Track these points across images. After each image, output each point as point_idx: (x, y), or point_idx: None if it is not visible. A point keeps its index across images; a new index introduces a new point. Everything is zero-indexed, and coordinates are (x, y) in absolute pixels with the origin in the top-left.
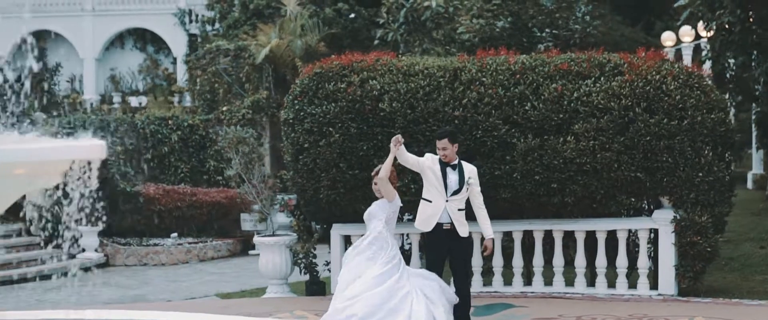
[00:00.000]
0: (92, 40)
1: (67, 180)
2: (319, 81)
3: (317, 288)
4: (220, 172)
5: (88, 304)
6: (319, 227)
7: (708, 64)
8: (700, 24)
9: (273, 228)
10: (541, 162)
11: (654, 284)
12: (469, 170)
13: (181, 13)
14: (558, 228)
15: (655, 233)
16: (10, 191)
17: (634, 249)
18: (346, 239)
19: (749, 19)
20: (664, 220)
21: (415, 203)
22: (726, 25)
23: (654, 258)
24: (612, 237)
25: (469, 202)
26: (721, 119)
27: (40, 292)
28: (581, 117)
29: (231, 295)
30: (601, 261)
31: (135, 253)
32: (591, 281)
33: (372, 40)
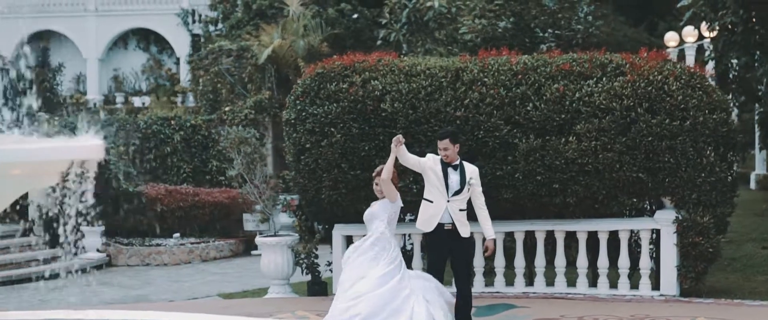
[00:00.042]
0: (95, 40)
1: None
2: (321, 81)
3: (319, 288)
4: (223, 172)
5: (90, 304)
6: (321, 227)
7: (711, 65)
8: (703, 24)
9: (275, 228)
10: (543, 162)
11: (656, 284)
12: (471, 170)
13: (185, 13)
14: (560, 228)
15: (657, 233)
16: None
17: (636, 249)
18: (348, 239)
19: (752, 20)
20: (666, 221)
21: (417, 203)
22: (729, 26)
23: (656, 258)
24: (614, 237)
25: (470, 203)
26: (723, 119)
27: (42, 292)
28: (583, 117)
29: (233, 295)
30: (603, 261)
31: (137, 253)
32: (593, 281)
33: (375, 41)
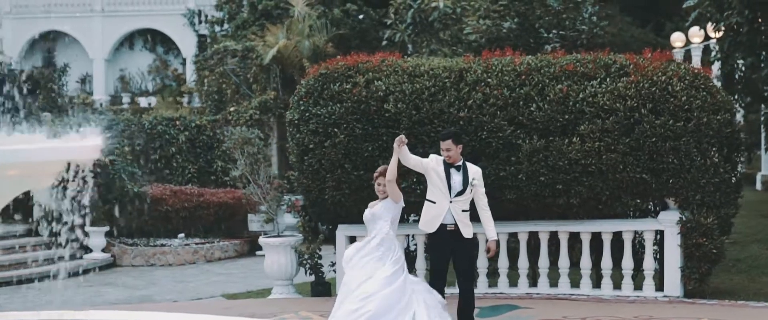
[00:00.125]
0: (102, 40)
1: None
2: (325, 82)
3: (322, 288)
4: (228, 173)
5: (94, 304)
6: (325, 228)
7: (717, 65)
8: (709, 25)
9: (279, 229)
10: (547, 163)
11: (660, 285)
12: (474, 171)
13: (191, 13)
14: (563, 229)
15: (661, 234)
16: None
17: (640, 250)
18: (352, 240)
19: (758, 20)
20: (669, 222)
21: (421, 204)
22: (734, 26)
23: (660, 259)
24: (618, 238)
25: (473, 204)
26: (727, 120)
27: (47, 292)
28: (587, 118)
29: (237, 296)
30: (607, 262)
31: (142, 254)
32: (596, 282)
33: (380, 41)
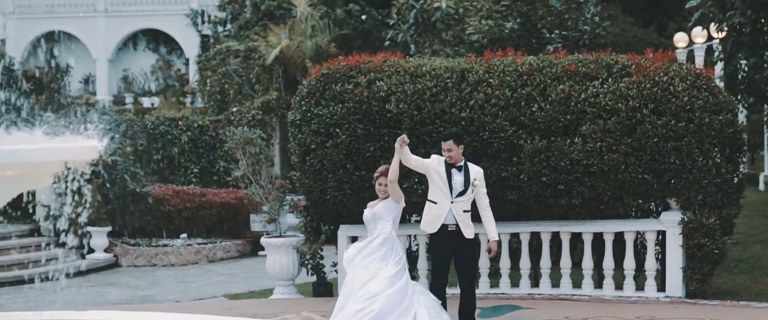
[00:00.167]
0: (105, 40)
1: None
2: (326, 82)
3: (324, 289)
4: (230, 173)
5: (96, 305)
6: (326, 228)
7: (720, 66)
8: (712, 25)
9: (281, 229)
10: (548, 163)
11: (661, 286)
12: (475, 171)
13: (194, 13)
14: (565, 229)
15: (663, 235)
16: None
17: (642, 251)
18: (353, 240)
19: (760, 20)
20: (671, 222)
21: (423, 204)
22: (737, 27)
23: (661, 260)
24: (619, 239)
25: (475, 204)
26: (729, 121)
27: (49, 292)
28: (588, 118)
29: (239, 296)
30: (609, 263)
31: (144, 254)
32: (598, 283)
33: (382, 41)
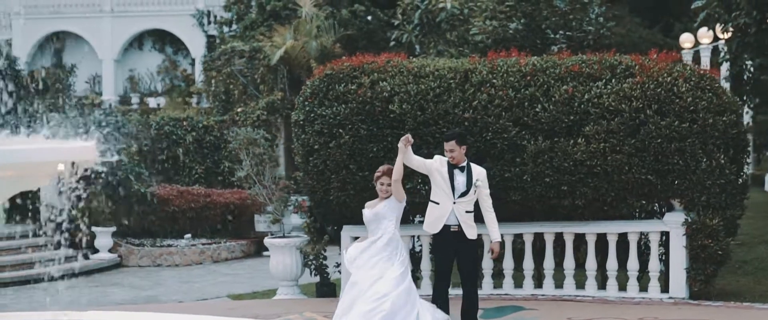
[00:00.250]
0: (111, 41)
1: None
2: (330, 82)
3: (327, 289)
4: (234, 173)
5: (100, 305)
6: (330, 228)
7: (726, 66)
8: (718, 26)
9: (284, 229)
10: (552, 164)
11: (665, 287)
12: (478, 172)
13: (200, 14)
14: (569, 230)
15: (666, 236)
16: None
17: (645, 252)
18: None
19: (766, 21)
20: (675, 223)
21: (426, 205)
22: (742, 27)
23: (665, 261)
24: (623, 239)
25: (478, 205)
26: (733, 121)
27: (53, 292)
28: (592, 119)
29: (242, 296)
30: (612, 263)
31: (149, 254)
32: (602, 284)
33: (387, 42)
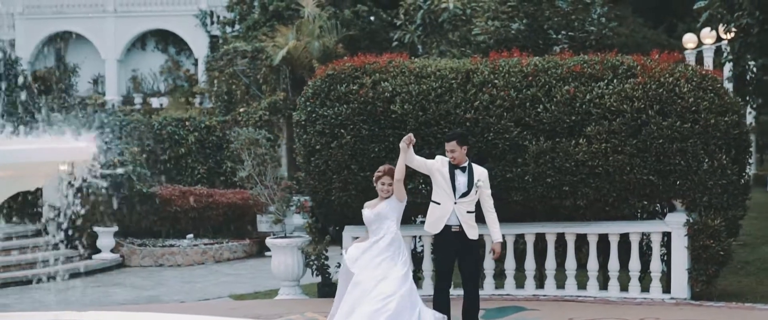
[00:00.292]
0: (114, 41)
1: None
2: (331, 83)
3: (329, 289)
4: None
5: (102, 305)
6: (332, 229)
7: (729, 67)
8: (721, 26)
9: (287, 230)
10: (553, 164)
11: (667, 287)
12: (479, 173)
13: (203, 14)
14: (570, 231)
15: (668, 236)
16: None
17: (647, 252)
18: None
19: None
20: (677, 223)
21: (428, 205)
22: (745, 27)
23: (667, 261)
24: (625, 240)
25: (479, 205)
26: (735, 122)
27: (55, 293)
28: (593, 119)
29: (244, 297)
30: (614, 264)
31: (151, 254)
32: (603, 284)
33: (390, 42)
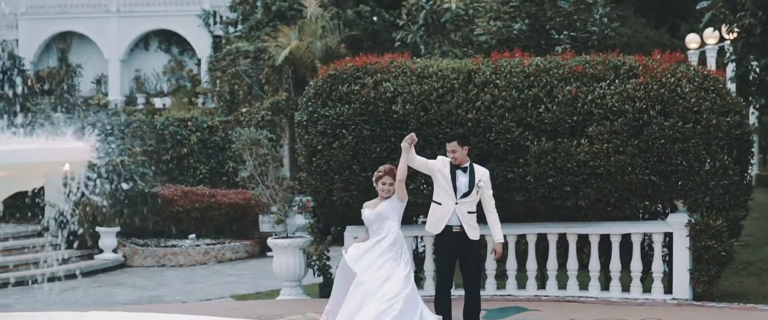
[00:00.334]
0: (117, 41)
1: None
2: (333, 83)
3: (330, 290)
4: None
5: (104, 305)
6: (334, 229)
7: (732, 67)
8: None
9: (288, 230)
10: (555, 165)
11: (668, 288)
12: (481, 173)
13: (206, 14)
14: (572, 231)
15: (670, 237)
16: None
17: (649, 252)
18: None
19: None
20: (678, 224)
21: (429, 205)
22: (747, 27)
23: (668, 262)
24: (626, 240)
25: (481, 205)
26: (737, 122)
27: (57, 293)
28: (595, 119)
29: (246, 297)
30: (616, 264)
31: (153, 254)
32: (605, 285)
33: (392, 42)
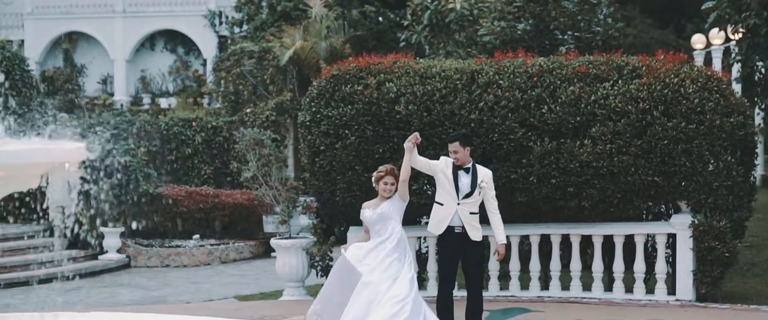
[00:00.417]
0: (123, 41)
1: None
2: (336, 83)
3: None
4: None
5: (108, 305)
6: (337, 229)
7: (737, 67)
8: (728, 27)
9: (291, 230)
10: (558, 165)
11: (672, 289)
12: (483, 174)
13: (211, 14)
14: (575, 232)
15: (673, 238)
16: None
17: (652, 253)
18: None
19: None
20: (682, 225)
21: (432, 206)
22: (752, 28)
23: (672, 263)
24: (629, 241)
25: (484, 206)
26: (741, 123)
27: (61, 293)
28: (598, 120)
29: (249, 298)
30: (619, 265)
31: (157, 254)
32: (608, 286)
33: (397, 43)
